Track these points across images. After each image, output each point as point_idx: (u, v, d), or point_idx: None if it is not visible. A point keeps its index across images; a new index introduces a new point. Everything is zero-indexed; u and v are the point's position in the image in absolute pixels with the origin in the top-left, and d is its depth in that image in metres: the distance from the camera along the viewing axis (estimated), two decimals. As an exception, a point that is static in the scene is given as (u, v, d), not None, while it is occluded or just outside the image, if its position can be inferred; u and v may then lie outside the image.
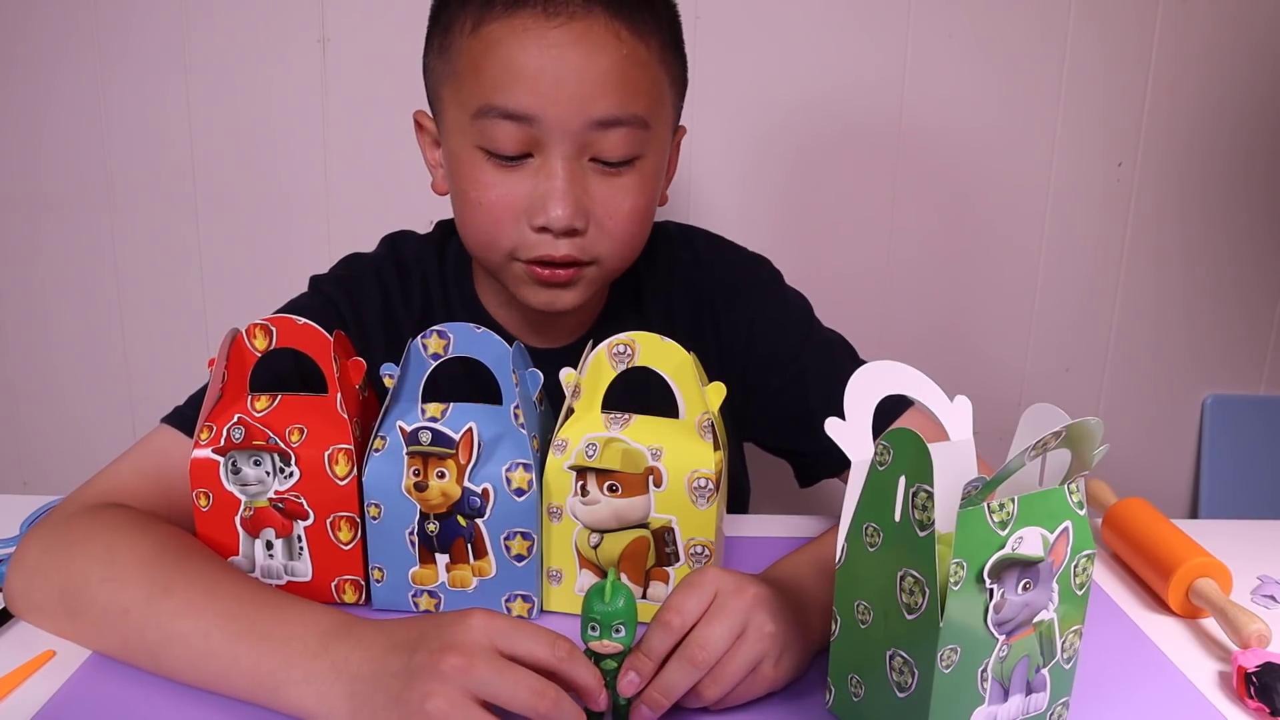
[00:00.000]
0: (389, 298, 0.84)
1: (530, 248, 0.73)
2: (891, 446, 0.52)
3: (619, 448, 0.65)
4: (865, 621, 0.55)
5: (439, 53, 0.75)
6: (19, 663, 0.62)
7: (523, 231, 0.73)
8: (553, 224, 0.71)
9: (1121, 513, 0.80)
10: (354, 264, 0.86)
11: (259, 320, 0.68)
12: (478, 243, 0.77)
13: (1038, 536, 0.51)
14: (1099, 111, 1.32)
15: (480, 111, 0.71)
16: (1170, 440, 1.48)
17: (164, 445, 0.73)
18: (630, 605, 0.56)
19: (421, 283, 0.86)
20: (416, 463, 0.65)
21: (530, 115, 0.70)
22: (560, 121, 0.70)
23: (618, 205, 0.74)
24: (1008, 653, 0.53)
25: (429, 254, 0.87)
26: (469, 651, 0.52)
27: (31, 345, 1.41)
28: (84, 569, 0.63)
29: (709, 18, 1.26)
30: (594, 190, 0.73)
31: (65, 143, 1.32)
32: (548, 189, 0.71)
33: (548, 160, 0.71)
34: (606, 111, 0.70)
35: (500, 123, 0.70)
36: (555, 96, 0.69)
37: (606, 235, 0.75)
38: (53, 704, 0.59)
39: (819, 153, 1.33)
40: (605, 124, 0.71)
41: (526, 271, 0.75)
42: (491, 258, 0.76)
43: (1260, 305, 1.43)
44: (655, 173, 0.77)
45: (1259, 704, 0.59)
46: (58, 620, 0.64)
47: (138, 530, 0.65)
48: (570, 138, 0.71)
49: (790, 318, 0.89)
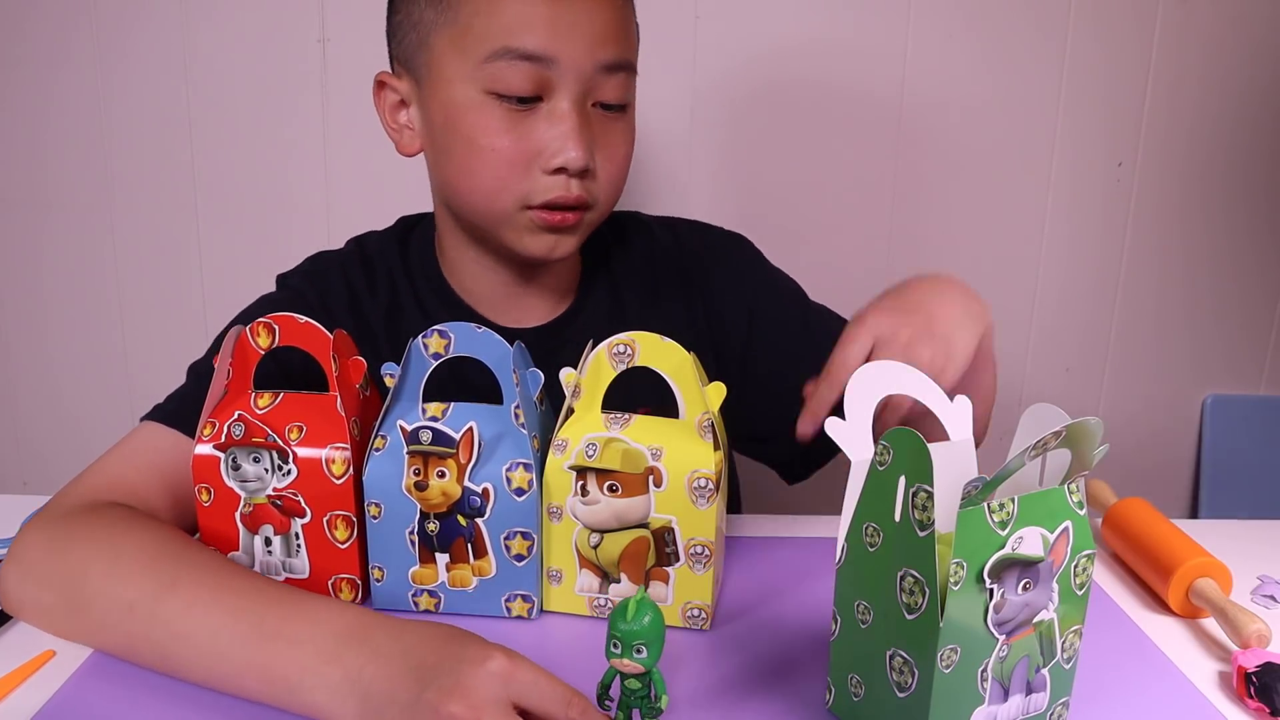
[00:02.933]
0: (355, 290, 0.84)
1: (544, 190, 0.74)
2: (891, 446, 0.52)
3: (619, 448, 0.65)
4: (866, 621, 0.55)
5: (431, 2, 0.74)
6: (19, 663, 0.62)
7: (535, 175, 0.74)
8: (570, 164, 0.73)
9: (1121, 513, 0.80)
10: (320, 260, 0.88)
11: (262, 319, 0.68)
12: (487, 191, 0.76)
13: (1038, 536, 0.51)
14: (1099, 111, 1.32)
15: (494, 54, 0.71)
16: (1170, 440, 1.48)
17: (154, 441, 0.73)
18: (656, 624, 0.53)
19: (387, 275, 0.86)
20: (417, 462, 0.65)
21: (548, 56, 0.71)
22: (574, 63, 0.71)
23: (615, 149, 0.76)
24: (1008, 653, 0.53)
25: (391, 247, 0.87)
26: (478, 703, 0.50)
27: (31, 345, 1.41)
28: (87, 563, 0.62)
29: (708, 17, 1.26)
30: (597, 135, 0.75)
31: (65, 143, 1.32)
32: (563, 131, 0.72)
33: (558, 103, 0.73)
34: (613, 55, 0.73)
35: (516, 64, 0.71)
36: (570, 38, 0.71)
37: (606, 178, 0.77)
38: (52, 705, 0.59)
39: (818, 152, 1.33)
40: (610, 68, 0.73)
41: (534, 218, 0.75)
42: (498, 206, 0.76)
43: (1260, 305, 1.43)
44: (633, 122, 0.79)
45: (1259, 704, 0.59)
46: (57, 617, 0.64)
47: (140, 527, 0.65)
48: (581, 80, 0.72)
49: (782, 299, 0.91)
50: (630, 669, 0.53)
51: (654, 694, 0.54)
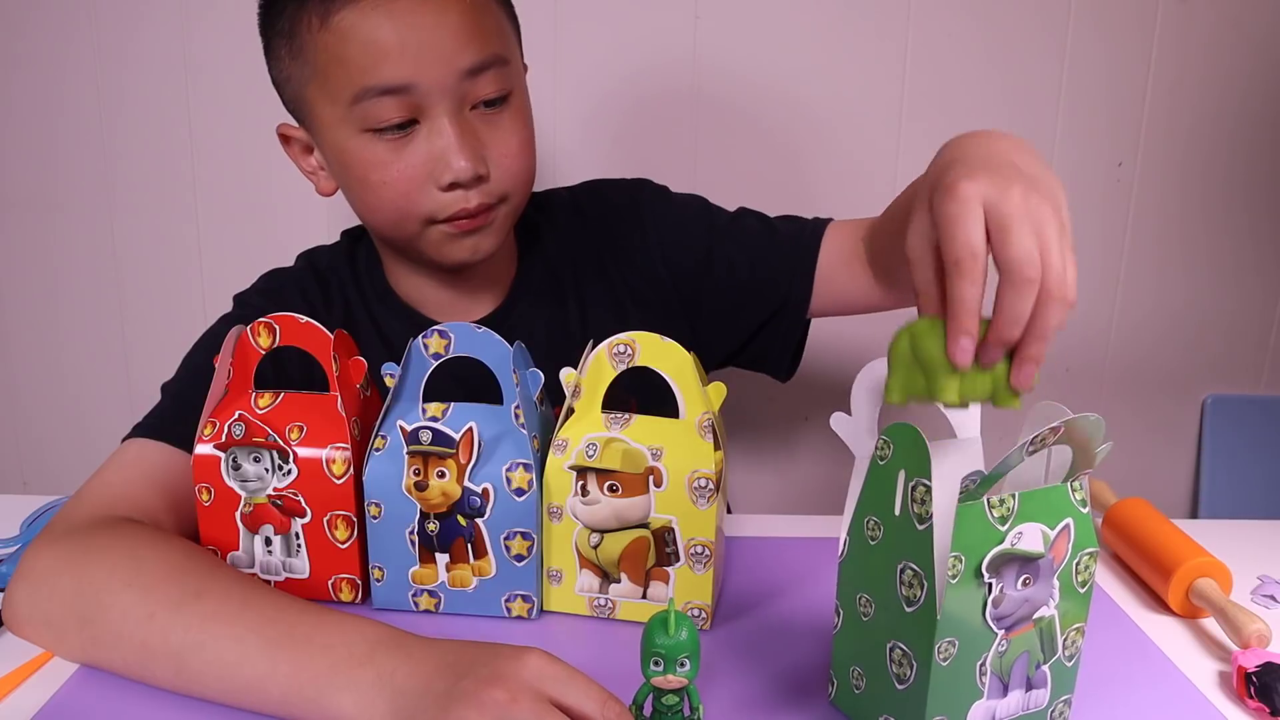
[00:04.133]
0: (312, 305, 0.86)
1: (446, 206, 0.76)
2: (891, 441, 0.52)
3: (619, 448, 0.65)
4: (867, 614, 0.55)
5: (292, 57, 0.76)
6: (17, 665, 0.62)
7: (433, 194, 0.75)
8: (460, 175, 0.74)
9: (1121, 513, 0.80)
10: (275, 277, 0.89)
11: (263, 319, 0.68)
12: (389, 220, 0.78)
13: (1038, 532, 0.51)
14: (1099, 111, 1.32)
15: (357, 96, 0.73)
16: (1170, 440, 1.47)
17: (144, 454, 0.72)
18: (694, 636, 0.52)
19: (340, 288, 0.88)
20: (417, 462, 0.65)
21: (406, 84, 0.72)
22: (435, 81, 0.72)
23: (507, 141, 0.77)
24: (1007, 648, 0.53)
25: (341, 261, 0.90)
26: (516, 688, 0.50)
27: (32, 345, 1.41)
28: (105, 575, 0.61)
29: (708, 18, 1.26)
30: (483, 135, 0.76)
31: (65, 143, 1.32)
32: (444, 146, 0.74)
33: (434, 121, 0.74)
34: (472, 59, 0.73)
35: (380, 100, 0.72)
36: (423, 60, 0.72)
37: (506, 172, 0.77)
38: (51, 706, 0.58)
39: (817, 152, 1.33)
40: (474, 70, 0.74)
41: (446, 230, 0.77)
42: (406, 230, 0.78)
43: (1260, 305, 1.42)
44: (526, 105, 0.80)
45: (1259, 704, 0.59)
46: (65, 632, 0.62)
47: (163, 541, 0.65)
48: (448, 94, 0.73)
49: (686, 216, 0.92)
50: (674, 684, 0.52)
51: (689, 707, 0.53)
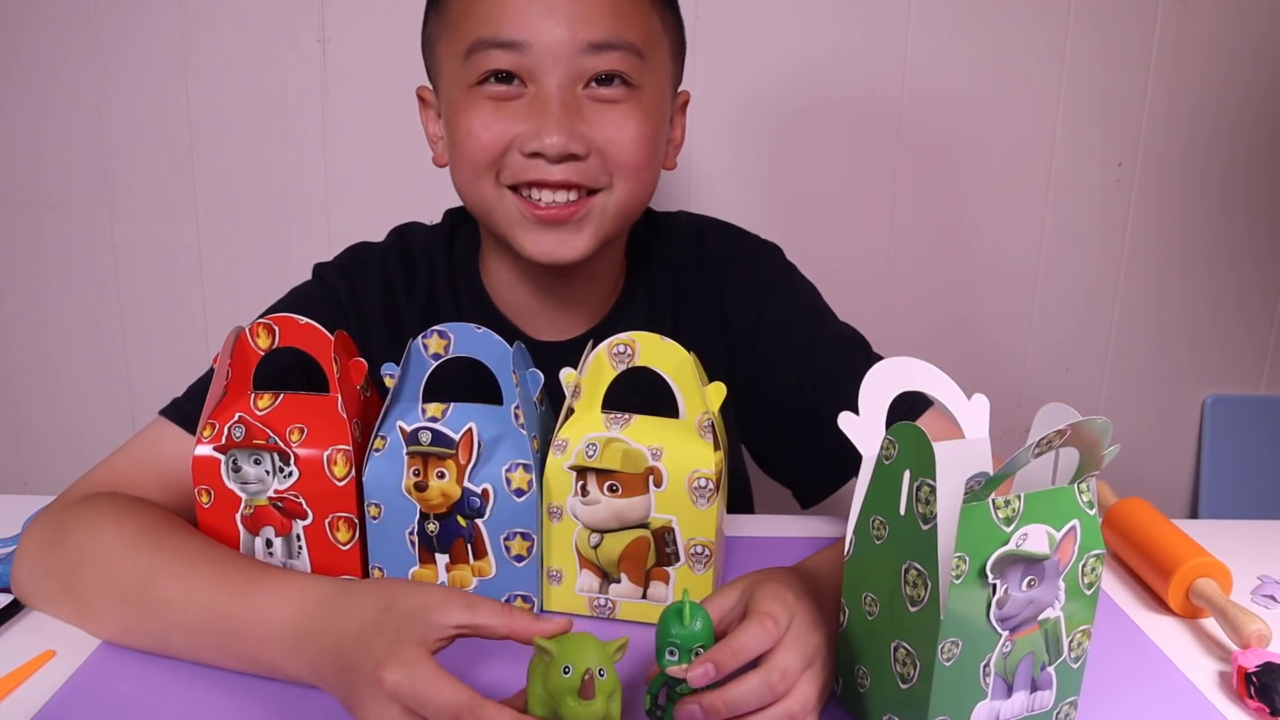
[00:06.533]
0: (392, 287, 0.83)
1: (523, 170, 0.72)
2: (896, 441, 0.52)
3: (619, 448, 0.65)
4: (872, 613, 0.55)
5: (435, 13, 0.76)
6: (19, 663, 0.62)
7: (515, 156, 0.72)
8: (547, 150, 0.70)
9: (1121, 513, 0.80)
10: (359, 252, 0.86)
11: (262, 319, 0.68)
12: (466, 177, 0.75)
13: (1043, 534, 0.51)
14: (1099, 111, 1.32)
15: (472, 47, 0.71)
16: (1170, 440, 1.48)
17: (160, 437, 0.73)
18: (708, 626, 0.53)
19: (428, 271, 0.84)
20: (416, 463, 0.65)
21: (520, 41, 0.70)
22: (551, 46, 0.70)
23: (619, 130, 0.72)
24: (1011, 649, 0.53)
25: (436, 243, 0.85)
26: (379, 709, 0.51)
27: (32, 345, 1.41)
28: (78, 558, 0.65)
29: (708, 17, 1.26)
30: (592, 118, 0.72)
31: (65, 143, 1.32)
32: (542, 115, 0.71)
33: (541, 89, 0.71)
34: (599, 34, 0.70)
35: (492, 53, 0.71)
36: (545, 21, 0.70)
37: (612, 162, 0.73)
38: (52, 704, 0.58)
39: (818, 152, 1.33)
40: (598, 47, 0.71)
41: (521, 208, 0.73)
42: (482, 191, 0.74)
43: (1260, 305, 1.43)
44: (656, 108, 0.75)
45: (1259, 704, 0.59)
46: (64, 607, 0.66)
47: (123, 514, 0.66)
48: (563, 63, 0.70)
49: (799, 314, 0.86)
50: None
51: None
